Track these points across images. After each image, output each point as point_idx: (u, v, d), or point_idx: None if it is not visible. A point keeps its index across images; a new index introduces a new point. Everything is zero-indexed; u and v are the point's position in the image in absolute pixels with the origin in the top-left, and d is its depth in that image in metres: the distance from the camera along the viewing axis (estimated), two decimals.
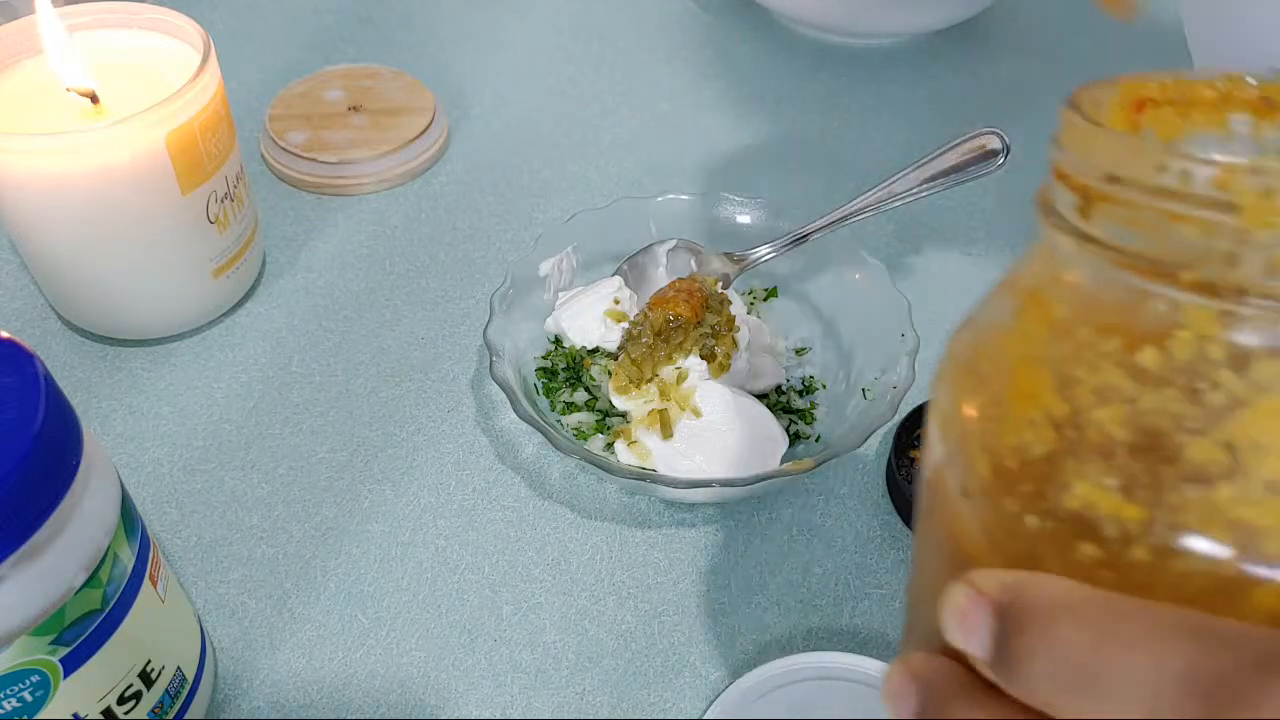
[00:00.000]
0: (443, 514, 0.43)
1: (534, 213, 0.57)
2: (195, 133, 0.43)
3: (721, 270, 0.49)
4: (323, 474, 0.44)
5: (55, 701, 0.28)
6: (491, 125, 0.63)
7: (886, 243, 0.56)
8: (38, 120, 0.43)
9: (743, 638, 0.39)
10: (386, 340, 0.49)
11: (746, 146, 0.62)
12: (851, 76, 0.69)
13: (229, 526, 0.42)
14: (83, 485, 0.27)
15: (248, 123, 0.61)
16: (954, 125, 0.64)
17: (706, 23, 0.74)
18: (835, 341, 0.47)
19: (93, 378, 0.47)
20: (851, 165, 0.61)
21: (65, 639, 0.27)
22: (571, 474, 0.44)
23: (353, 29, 0.71)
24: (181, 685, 0.33)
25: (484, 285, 0.52)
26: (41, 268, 0.46)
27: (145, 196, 0.42)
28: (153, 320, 0.48)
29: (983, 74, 0.70)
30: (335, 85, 0.61)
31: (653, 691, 0.37)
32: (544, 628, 0.39)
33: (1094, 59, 0.71)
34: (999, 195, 0.59)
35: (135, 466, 0.44)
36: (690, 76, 0.68)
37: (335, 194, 0.57)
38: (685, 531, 0.42)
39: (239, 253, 0.48)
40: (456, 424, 0.46)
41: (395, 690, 0.37)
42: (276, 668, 0.37)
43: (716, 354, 0.43)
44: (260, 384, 0.47)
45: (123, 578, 0.29)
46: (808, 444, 0.44)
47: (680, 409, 0.42)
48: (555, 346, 0.47)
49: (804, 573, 0.41)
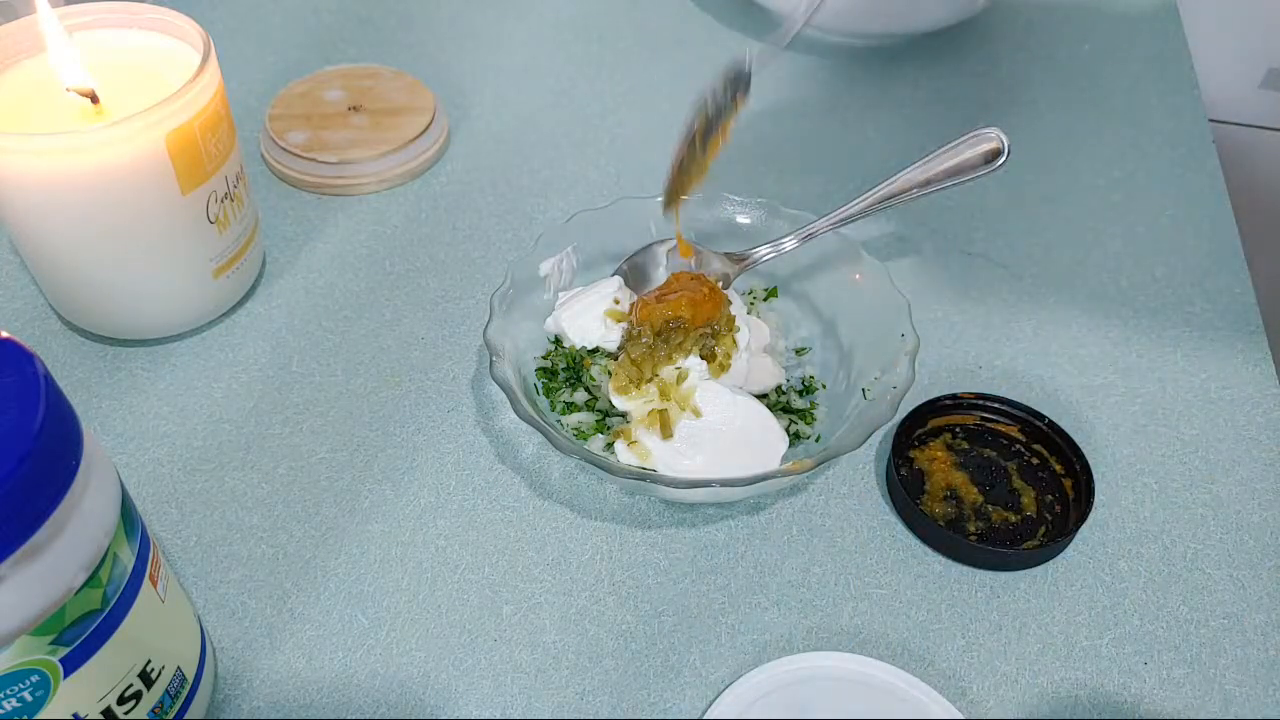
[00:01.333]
0: (443, 514, 0.43)
1: (534, 213, 0.57)
2: (195, 133, 0.43)
3: (721, 270, 0.49)
4: (323, 474, 0.44)
5: (55, 701, 0.28)
6: (491, 125, 0.63)
7: (886, 243, 0.56)
8: (38, 120, 0.43)
9: (743, 638, 0.39)
10: (386, 340, 0.49)
11: (746, 146, 0.62)
12: (851, 76, 0.69)
13: (229, 526, 0.42)
14: (83, 485, 0.27)
15: (248, 123, 0.61)
16: (954, 125, 0.64)
17: (706, 23, 0.74)
18: (835, 341, 0.47)
19: (93, 378, 0.47)
20: (851, 165, 0.61)
21: (65, 639, 0.27)
22: (571, 474, 0.44)
23: (353, 29, 0.71)
24: (181, 685, 0.33)
25: (484, 285, 0.52)
26: (41, 268, 0.46)
27: (145, 196, 0.42)
28: (153, 320, 0.48)
29: (983, 74, 0.70)
30: (335, 85, 0.61)
31: (653, 691, 0.37)
32: (544, 628, 0.39)
33: (1094, 59, 0.71)
34: (999, 195, 0.59)
35: (135, 466, 0.44)
36: (690, 76, 0.68)
37: (335, 194, 0.57)
38: (685, 531, 0.42)
39: (239, 253, 0.48)
40: (456, 424, 0.46)
41: (395, 690, 0.37)
42: (276, 668, 0.37)
43: (716, 354, 0.43)
44: (260, 384, 0.47)
45: (123, 578, 0.29)
46: (808, 444, 0.44)
47: (680, 409, 0.42)
48: (555, 346, 0.47)
49: (804, 573, 0.41)
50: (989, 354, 0.50)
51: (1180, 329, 0.52)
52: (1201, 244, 0.57)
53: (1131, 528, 0.43)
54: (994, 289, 0.53)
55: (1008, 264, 0.55)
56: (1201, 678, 0.38)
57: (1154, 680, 0.38)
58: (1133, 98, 0.68)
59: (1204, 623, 0.40)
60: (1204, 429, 0.47)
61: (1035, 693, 0.38)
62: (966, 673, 0.38)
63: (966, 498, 0.43)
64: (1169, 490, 0.45)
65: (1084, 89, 0.68)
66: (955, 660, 0.39)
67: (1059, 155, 0.63)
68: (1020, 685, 0.38)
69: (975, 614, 0.40)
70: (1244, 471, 0.45)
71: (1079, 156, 0.63)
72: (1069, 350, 0.51)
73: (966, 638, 0.39)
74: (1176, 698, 0.38)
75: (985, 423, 0.46)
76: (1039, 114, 0.66)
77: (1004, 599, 0.41)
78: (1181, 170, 0.62)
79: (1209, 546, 0.43)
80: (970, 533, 0.42)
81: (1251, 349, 0.51)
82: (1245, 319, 0.52)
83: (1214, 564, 0.42)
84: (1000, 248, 0.56)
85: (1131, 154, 0.63)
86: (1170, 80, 0.69)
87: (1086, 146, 0.63)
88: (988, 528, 0.42)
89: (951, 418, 0.46)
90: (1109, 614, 0.40)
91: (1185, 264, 0.56)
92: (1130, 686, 0.38)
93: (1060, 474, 0.44)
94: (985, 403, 0.46)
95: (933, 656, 0.39)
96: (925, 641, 0.39)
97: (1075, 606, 0.40)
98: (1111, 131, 0.65)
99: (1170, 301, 0.53)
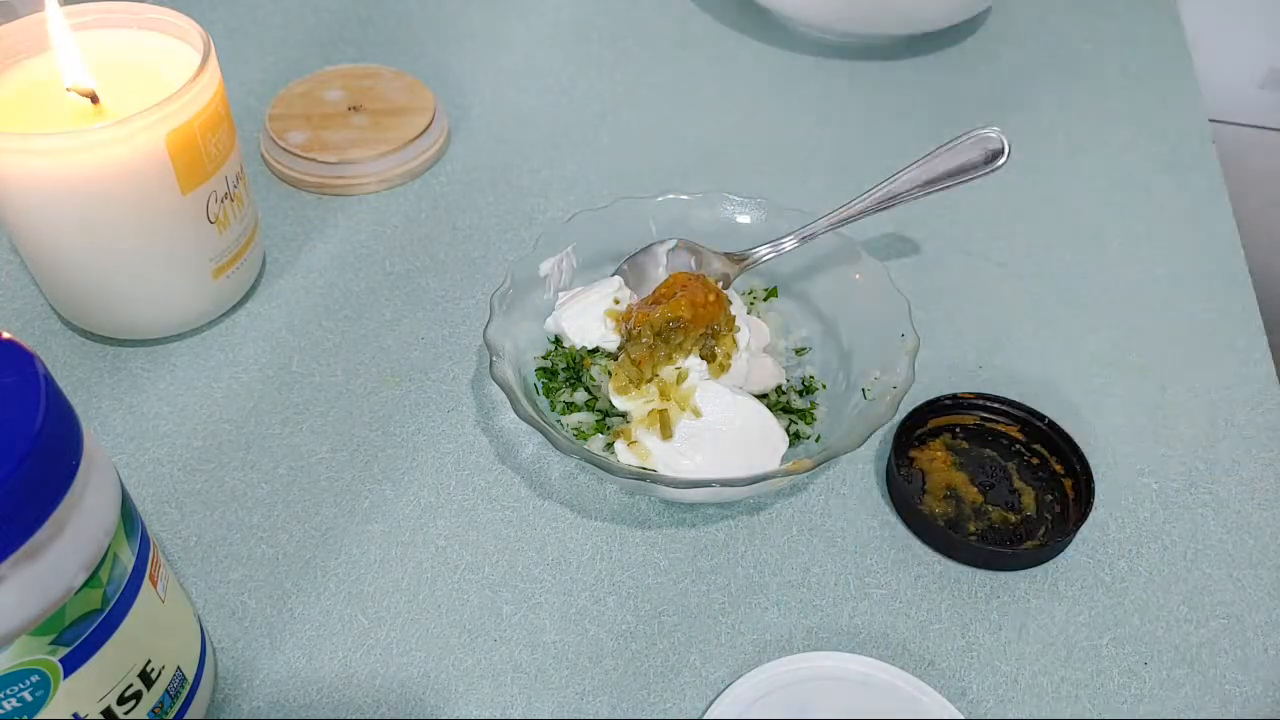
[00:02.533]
0: (443, 514, 0.43)
1: (534, 213, 0.57)
2: (195, 133, 0.43)
3: (721, 270, 0.49)
4: (323, 474, 0.44)
5: (55, 701, 0.28)
6: (491, 125, 0.63)
7: (886, 243, 0.56)
8: (38, 120, 0.43)
9: (743, 638, 0.39)
10: (386, 340, 0.49)
11: (746, 146, 0.62)
12: (851, 76, 0.69)
13: (229, 526, 0.42)
14: (83, 485, 0.27)
15: (248, 123, 0.61)
16: (954, 125, 0.64)
17: (706, 23, 0.74)
18: (835, 341, 0.47)
19: (93, 378, 0.47)
20: (851, 165, 0.61)
21: (65, 639, 0.27)
22: (571, 474, 0.44)
23: (353, 29, 0.71)
24: (181, 685, 0.33)
25: (484, 285, 0.52)
26: (41, 268, 0.46)
27: (145, 196, 0.42)
28: (153, 320, 0.48)
29: (983, 74, 0.70)
30: (335, 85, 0.61)
31: (653, 691, 0.37)
32: (544, 628, 0.39)
33: (1094, 59, 0.71)
34: (999, 195, 0.59)
35: (135, 466, 0.44)
36: (690, 76, 0.68)
37: (335, 194, 0.57)
38: (685, 531, 0.42)
39: (239, 253, 0.48)
40: (456, 424, 0.46)
41: (395, 690, 0.37)
42: (276, 668, 0.38)
43: (716, 354, 0.43)
44: (260, 384, 0.47)
45: (123, 578, 0.29)
46: (808, 444, 0.44)
47: (680, 409, 0.42)
48: (555, 346, 0.47)
49: (804, 573, 0.41)
50: (989, 354, 0.50)
51: (1180, 329, 0.52)
52: (1201, 244, 0.57)
53: (1131, 528, 0.43)
54: (994, 289, 0.53)
55: (1008, 264, 0.55)
56: (1201, 678, 0.38)
57: (1154, 680, 0.38)
58: (1133, 98, 0.68)
59: (1204, 623, 0.40)
60: (1204, 429, 0.47)
61: (1035, 693, 0.38)
62: (966, 673, 0.38)
63: (966, 497, 0.43)
64: (1169, 490, 0.45)
65: (1084, 89, 0.68)
66: (955, 660, 0.39)
67: (1059, 155, 0.63)
68: (1020, 685, 0.38)
69: (975, 614, 0.40)
70: (1244, 471, 0.45)
71: (1079, 156, 0.63)
72: (1069, 350, 0.51)
73: (966, 638, 0.39)
74: (1176, 698, 0.38)
75: (985, 423, 0.46)
76: (1039, 114, 0.66)
77: (1004, 599, 0.41)
78: (1181, 170, 0.62)
79: (1209, 546, 0.43)
80: (970, 532, 0.42)
81: (1251, 349, 0.51)
82: (1245, 319, 0.52)
83: (1214, 564, 0.42)
84: (1000, 248, 0.56)
85: (1131, 154, 0.63)
86: (1170, 80, 0.69)
87: (1086, 146, 0.63)
88: (988, 527, 0.42)
89: (951, 418, 0.46)
90: (1109, 614, 0.40)
91: (1185, 264, 0.56)
92: (1130, 686, 0.38)
93: (1060, 474, 0.44)
94: (985, 403, 0.46)
95: (933, 656, 0.39)
96: (925, 641, 0.39)
97: (1075, 606, 0.40)
98: (1111, 131, 0.65)
99: (1170, 301, 0.53)
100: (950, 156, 0.48)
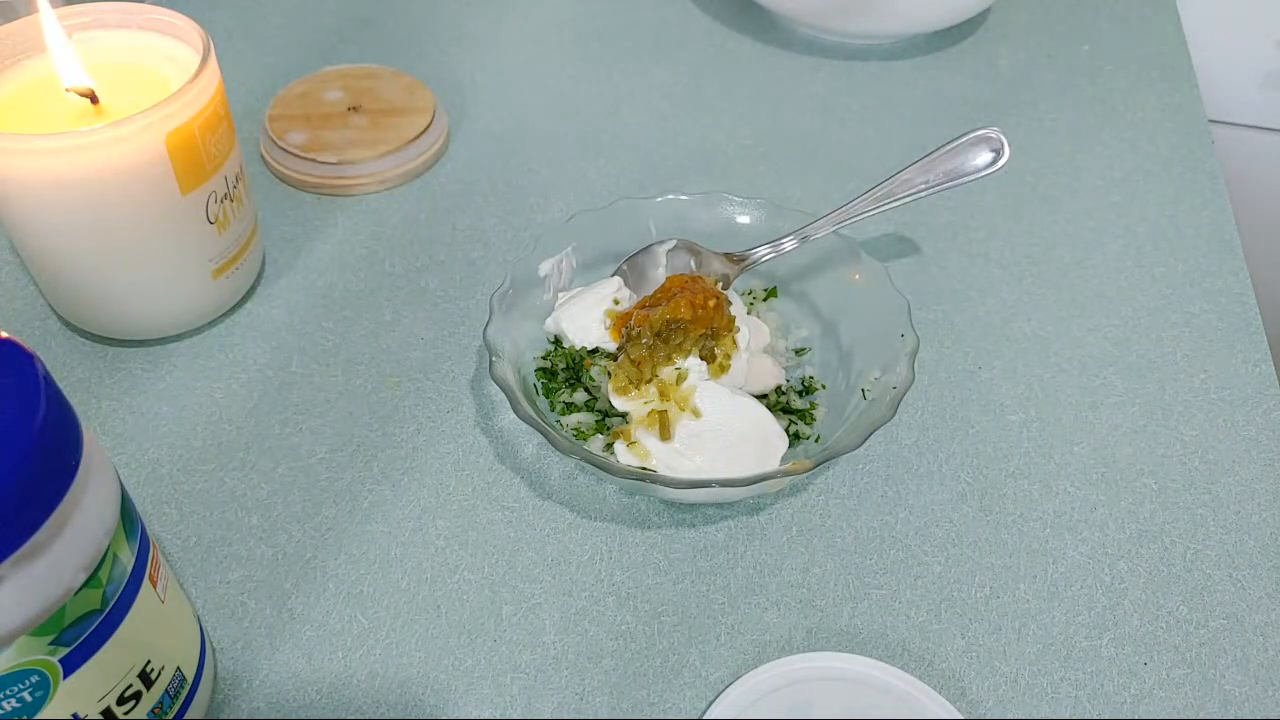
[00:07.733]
0: (443, 514, 0.43)
1: (534, 213, 0.57)
2: (195, 133, 0.43)
3: (721, 270, 0.49)
4: (323, 474, 0.44)
5: (55, 701, 0.28)
6: (491, 125, 0.63)
7: (886, 243, 0.56)
8: (38, 120, 0.43)
9: (743, 638, 0.39)
10: (386, 340, 0.49)
11: (746, 146, 0.62)
12: (851, 76, 0.69)
13: (229, 526, 0.42)
14: (83, 485, 0.27)
15: (248, 123, 0.61)
16: (954, 125, 0.64)
17: (706, 23, 0.74)
18: (835, 341, 0.47)
19: (93, 378, 0.47)
20: (851, 165, 0.61)
21: (65, 639, 0.27)
22: (571, 474, 0.44)
23: (353, 29, 0.71)
24: (181, 685, 0.33)
25: (484, 285, 0.52)
26: (41, 268, 0.46)
27: (145, 196, 0.42)
28: (153, 320, 0.48)
29: (983, 74, 0.70)
30: (335, 85, 0.61)
31: (653, 691, 0.37)
32: (544, 628, 0.39)
33: (1094, 59, 0.71)
34: (999, 195, 0.59)
35: (135, 466, 0.44)
36: (690, 76, 0.68)
37: (335, 194, 0.57)
38: (685, 531, 0.42)
39: (239, 253, 0.48)
40: (456, 424, 0.46)
41: (395, 690, 0.37)
42: (276, 668, 0.38)
43: (716, 354, 0.43)
44: (260, 384, 0.47)
45: (123, 578, 0.29)
46: (807, 444, 0.44)
47: (680, 410, 0.42)
48: (555, 347, 0.47)
49: (804, 573, 0.41)
50: (989, 354, 0.50)
51: (1180, 329, 0.52)
52: (1201, 244, 0.57)
53: (1131, 528, 0.43)
54: (994, 289, 0.53)
55: (1008, 264, 0.55)
56: (1201, 678, 0.38)
57: (1154, 680, 0.38)
58: (1133, 98, 0.68)
59: (1204, 623, 0.40)
60: (1204, 429, 0.47)
61: (1035, 693, 0.38)
62: (966, 673, 0.38)
63: None
64: (1169, 490, 0.45)
65: (1084, 89, 0.68)
66: (955, 660, 0.39)
67: (1059, 155, 0.63)
68: (1020, 685, 0.38)
69: (975, 614, 0.40)
70: (1244, 471, 0.45)
71: (1079, 156, 0.63)
72: (1069, 350, 0.51)
73: (966, 638, 0.39)
74: (1176, 698, 0.38)
75: None
76: (1039, 114, 0.66)
77: (1004, 599, 0.41)
78: (1181, 170, 0.62)
79: (1209, 546, 0.43)
80: None
81: (1251, 349, 0.51)
82: (1245, 319, 0.52)
83: (1214, 564, 0.42)
84: (1000, 248, 0.56)
85: (1131, 154, 0.63)
86: (1170, 80, 0.69)
87: (1086, 146, 0.63)
88: None
89: None
90: (1109, 614, 0.40)
91: (1185, 264, 0.56)
92: (1130, 686, 0.38)
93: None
94: None
95: (933, 656, 0.39)
96: (925, 641, 0.39)
97: (1075, 606, 0.40)
98: (1111, 131, 0.65)
99: (1170, 301, 0.53)
100: (950, 156, 0.48)
